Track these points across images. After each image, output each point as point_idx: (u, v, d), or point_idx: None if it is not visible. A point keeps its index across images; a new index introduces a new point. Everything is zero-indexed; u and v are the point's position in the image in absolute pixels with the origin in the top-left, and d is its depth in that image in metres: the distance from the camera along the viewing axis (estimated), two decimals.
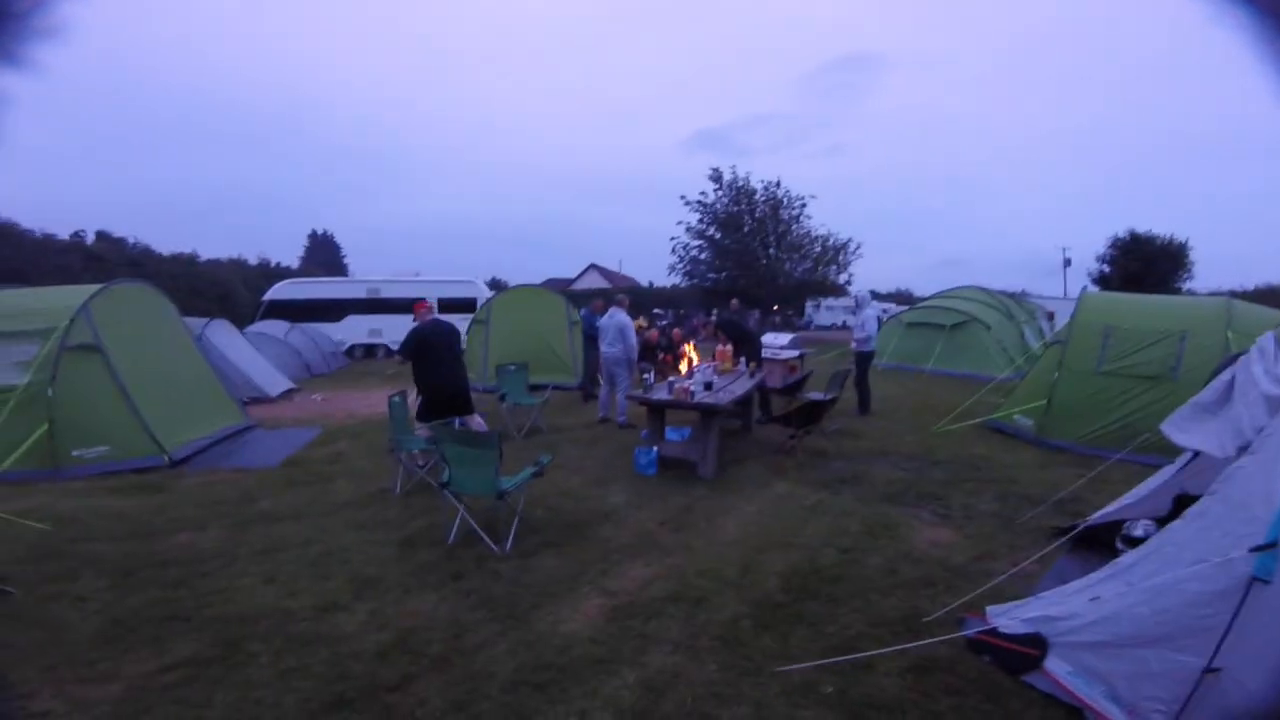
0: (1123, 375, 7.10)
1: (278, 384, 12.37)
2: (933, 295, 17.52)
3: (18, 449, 5.98)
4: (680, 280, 30.97)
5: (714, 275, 29.42)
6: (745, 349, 8.60)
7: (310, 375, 15.29)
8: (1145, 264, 31.25)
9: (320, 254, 36.58)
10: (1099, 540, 4.10)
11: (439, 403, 6.07)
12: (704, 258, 29.70)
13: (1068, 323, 8.18)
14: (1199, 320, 7.14)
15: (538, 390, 9.10)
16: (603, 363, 8.74)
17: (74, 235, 17.94)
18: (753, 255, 28.68)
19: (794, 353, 11.61)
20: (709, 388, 6.69)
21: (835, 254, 29.63)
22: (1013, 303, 16.11)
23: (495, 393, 9.00)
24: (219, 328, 11.76)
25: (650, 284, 38.12)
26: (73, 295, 7.10)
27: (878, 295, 41.23)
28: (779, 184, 29.45)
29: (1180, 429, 3.52)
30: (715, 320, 9.64)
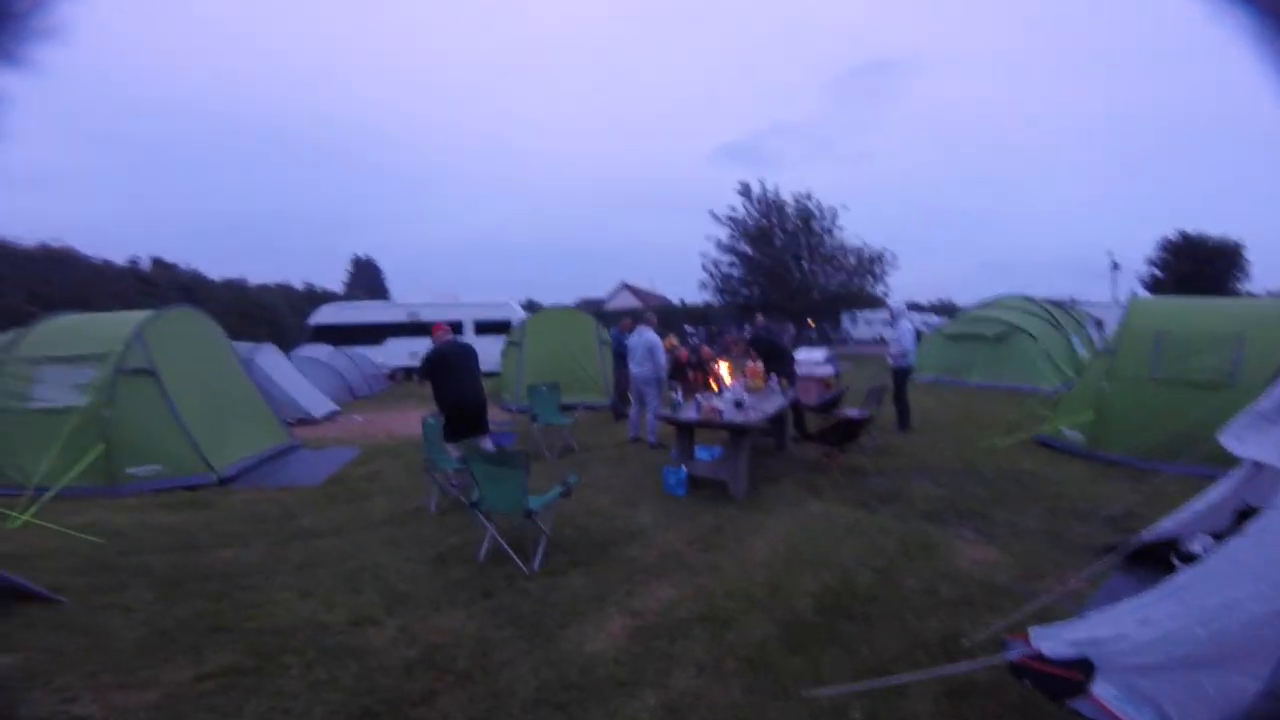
0: (1177, 383, 6.78)
1: (321, 406, 12.75)
2: (974, 306, 17.08)
3: (76, 466, 6.30)
4: (712, 297, 30.74)
5: (746, 291, 29.03)
6: (777, 366, 8.50)
7: (352, 397, 15.70)
8: (1198, 265, 29.94)
9: (363, 278, 37.82)
10: (1154, 557, 3.89)
11: (459, 420, 6.17)
12: (735, 273, 29.36)
13: (1117, 330, 7.87)
14: (1257, 323, 6.79)
15: (569, 410, 9.17)
16: (632, 382, 8.76)
17: (130, 261, 19.02)
18: (785, 269, 28.20)
19: (830, 369, 11.44)
20: (739, 406, 6.63)
21: (870, 265, 29.01)
22: (1059, 311, 15.56)
23: (528, 413, 9.10)
24: (266, 352, 12.23)
25: (682, 301, 37.99)
26: (127, 321, 7.47)
27: (917, 306, 40.21)
28: (809, 195, 28.97)
29: (1239, 438, 3.34)
30: (746, 336, 9.56)
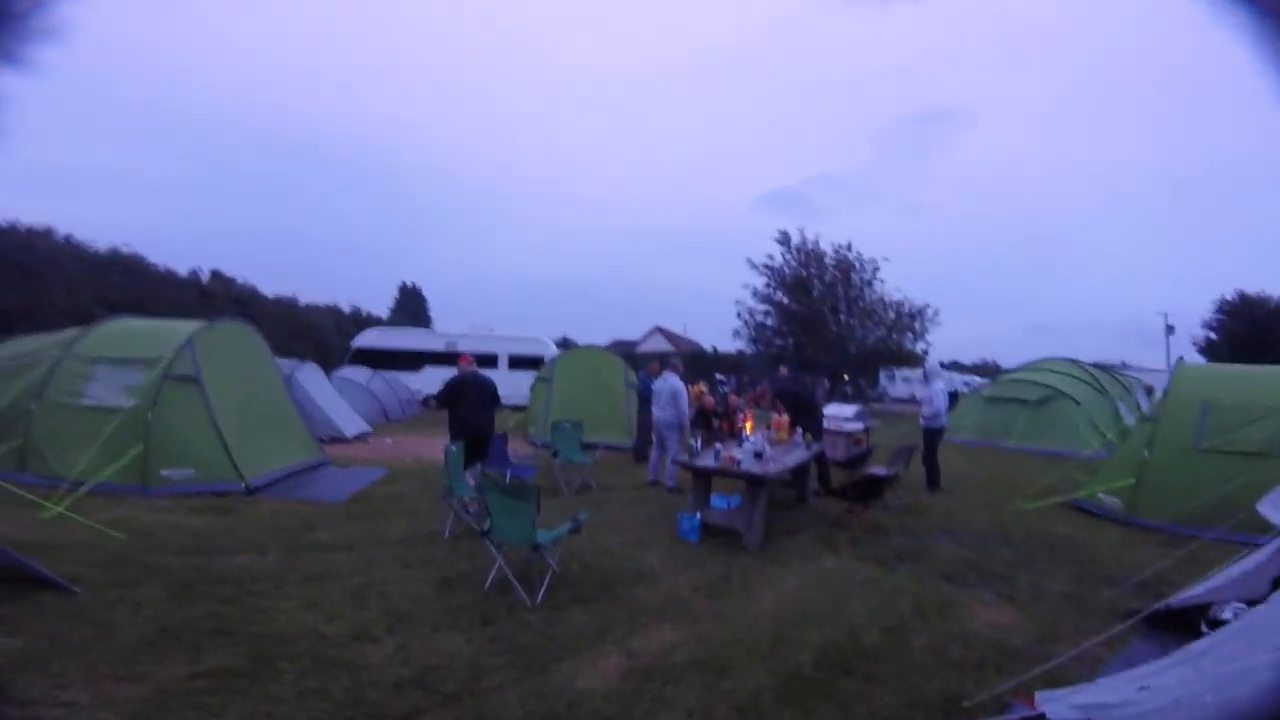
0: (1224, 452, 6.54)
1: (355, 426, 13.07)
2: (1016, 368, 16.61)
3: (114, 464, 6.59)
4: (745, 345, 30.34)
5: (780, 341, 28.37)
6: (804, 419, 8.40)
7: (386, 420, 16.07)
8: (1256, 329, 28.06)
9: (408, 305, 38.99)
10: (1184, 624, 3.69)
11: (466, 446, 6.46)
12: (769, 323, 28.78)
13: (1160, 397, 7.62)
14: None
15: (590, 449, 9.19)
16: (654, 426, 8.77)
17: (190, 273, 20.03)
18: (821, 321, 27.52)
19: (859, 425, 11.22)
20: (759, 456, 6.56)
21: (911, 320, 28.20)
22: (1106, 376, 15.03)
23: (550, 448, 9.15)
24: (308, 370, 12.69)
25: (714, 349, 37.67)
26: (180, 330, 7.90)
27: (959, 366, 39.13)
28: (849, 246, 28.26)
29: (1277, 508, 3.19)
30: (773, 388, 9.50)
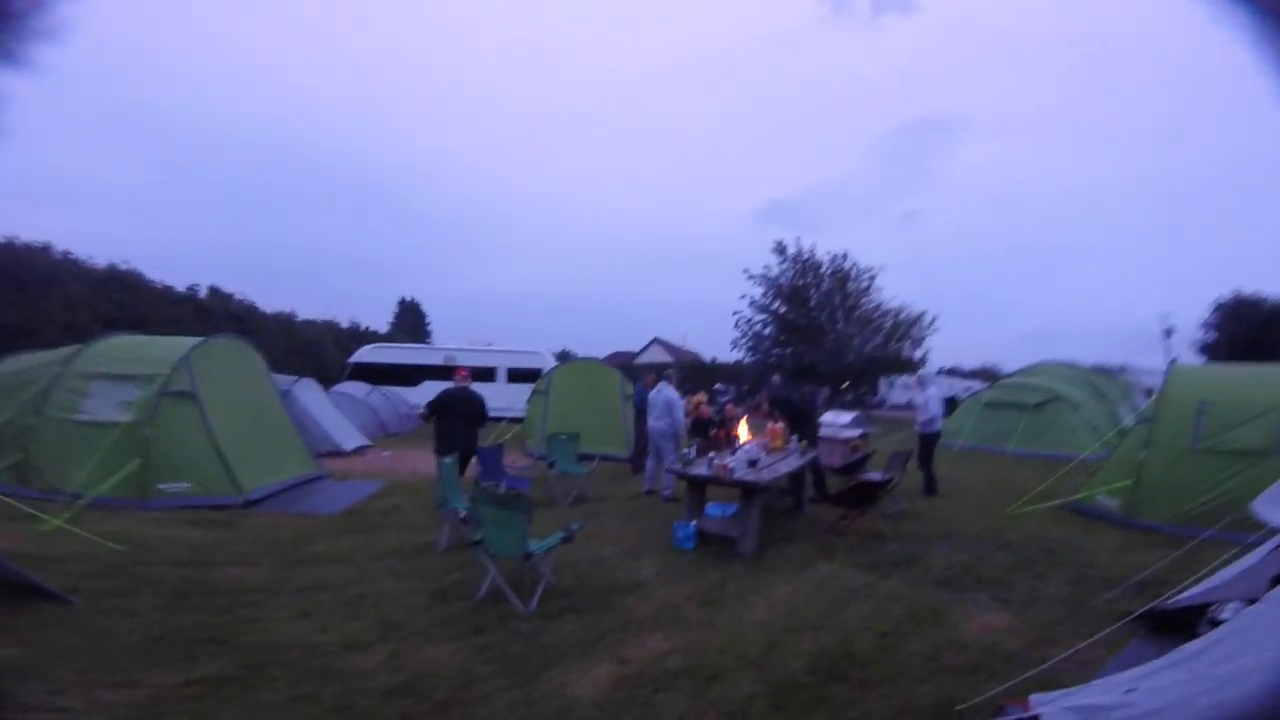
0: (1221, 452, 6.57)
1: (352, 440, 13.09)
2: (1013, 373, 16.60)
3: (113, 478, 6.63)
4: (744, 355, 30.38)
5: (778, 350, 28.43)
6: (800, 426, 8.44)
7: (385, 434, 16.06)
8: (1254, 329, 27.89)
9: (407, 319, 39.02)
10: (1184, 625, 3.68)
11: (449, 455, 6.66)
12: (768, 332, 28.83)
13: (1155, 398, 7.65)
14: None
15: (586, 460, 9.22)
16: (650, 436, 8.80)
17: (188, 289, 19.97)
18: (819, 330, 27.63)
19: (855, 432, 11.25)
20: (753, 464, 6.59)
21: (908, 328, 28.32)
22: (1104, 379, 15.06)
23: (546, 460, 9.18)
24: (305, 385, 12.72)
25: (713, 359, 37.68)
26: (177, 346, 7.99)
27: (959, 372, 39.13)
28: (845, 255, 28.55)
29: (1272, 506, 3.22)
30: (768, 396, 9.54)
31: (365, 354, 21.08)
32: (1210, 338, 30.83)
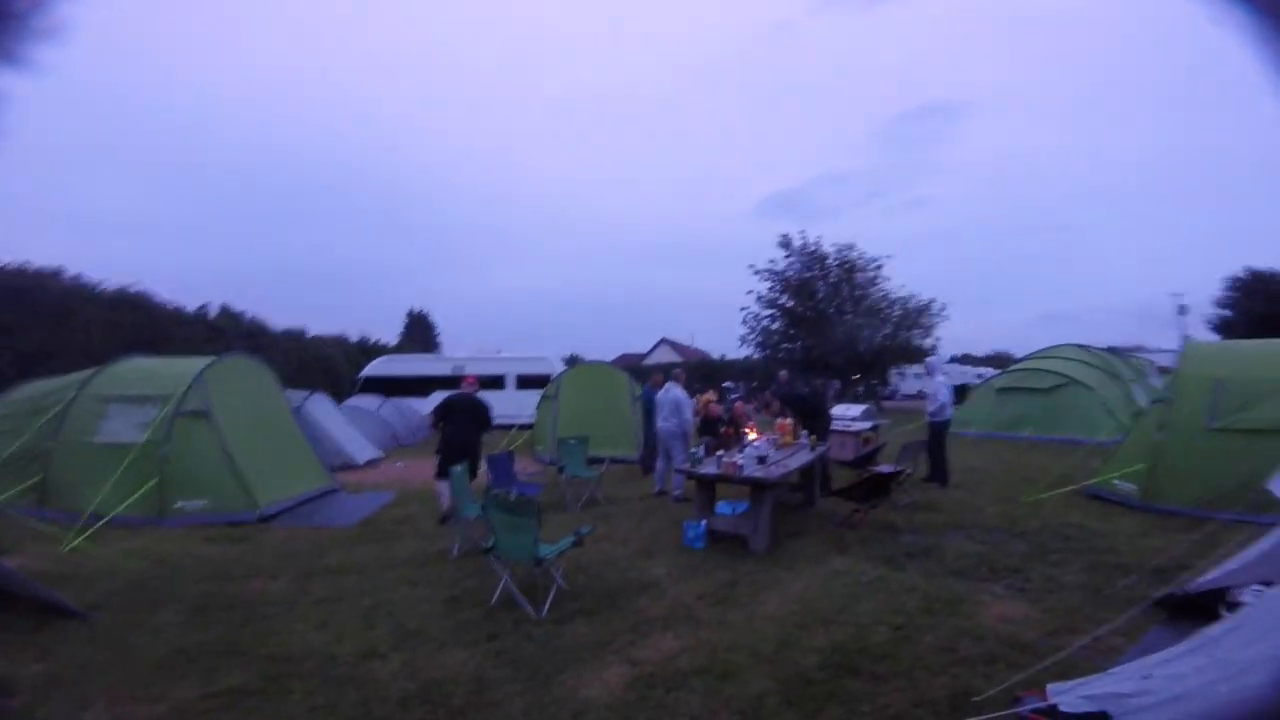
0: (1239, 431, 6.45)
1: (365, 452, 13.21)
2: (1025, 357, 16.38)
3: (131, 498, 6.75)
4: (753, 352, 30.11)
5: (788, 345, 27.89)
6: (810, 422, 8.43)
7: (397, 445, 16.21)
8: (1270, 304, 27.22)
9: (416, 331, 39.18)
10: (1204, 610, 3.62)
11: (450, 460, 6.85)
12: (776, 327, 28.27)
13: (1170, 377, 7.55)
14: None
15: (596, 463, 9.26)
16: (659, 436, 8.82)
17: (199, 309, 20.12)
18: (827, 322, 27.02)
19: (866, 424, 11.21)
20: (762, 461, 6.60)
21: (917, 317, 28.00)
22: (1118, 360, 14.86)
23: (556, 464, 9.23)
24: (317, 400, 12.86)
25: (723, 357, 37.55)
26: (190, 366, 8.13)
27: (972, 359, 38.79)
28: (852, 246, 27.88)
29: None
30: (777, 393, 9.53)
31: (375, 367, 21.26)
32: (1225, 315, 30.29)
